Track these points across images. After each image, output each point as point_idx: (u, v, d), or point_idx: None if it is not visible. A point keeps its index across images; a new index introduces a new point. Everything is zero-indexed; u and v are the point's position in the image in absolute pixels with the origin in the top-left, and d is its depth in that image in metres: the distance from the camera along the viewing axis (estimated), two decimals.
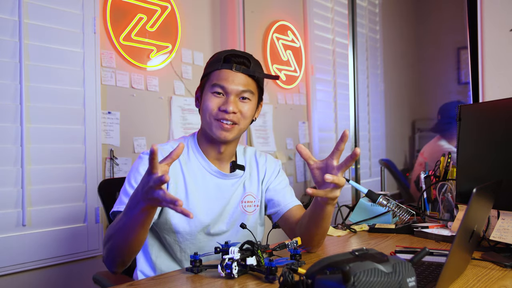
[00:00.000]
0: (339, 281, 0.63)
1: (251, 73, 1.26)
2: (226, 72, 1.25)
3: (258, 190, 1.40)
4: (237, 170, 1.36)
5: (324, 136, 3.26)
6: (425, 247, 0.85)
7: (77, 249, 1.90)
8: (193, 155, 1.32)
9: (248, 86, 1.26)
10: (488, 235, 1.27)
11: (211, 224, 1.30)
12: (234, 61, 1.25)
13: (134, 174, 1.22)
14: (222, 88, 1.24)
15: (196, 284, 1.01)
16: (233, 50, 1.30)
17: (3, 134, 1.69)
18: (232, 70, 1.24)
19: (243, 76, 1.25)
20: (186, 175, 1.29)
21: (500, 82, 1.98)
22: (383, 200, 1.59)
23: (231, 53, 1.27)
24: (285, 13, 3.07)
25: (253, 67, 1.27)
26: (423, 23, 4.32)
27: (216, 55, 1.31)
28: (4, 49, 1.70)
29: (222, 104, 1.24)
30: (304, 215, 1.26)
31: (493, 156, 1.29)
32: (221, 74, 1.25)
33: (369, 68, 3.70)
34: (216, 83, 1.24)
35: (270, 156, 1.48)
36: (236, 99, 1.25)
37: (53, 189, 1.83)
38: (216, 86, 1.24)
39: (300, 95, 3.15)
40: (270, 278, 0.98)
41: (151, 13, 2.22)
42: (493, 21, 1.99)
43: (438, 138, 3.03)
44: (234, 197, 1.35)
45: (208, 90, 1.26)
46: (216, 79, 1.25)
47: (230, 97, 1.24)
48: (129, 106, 2.13)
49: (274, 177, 1.43)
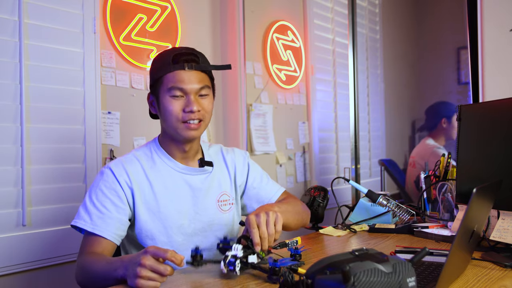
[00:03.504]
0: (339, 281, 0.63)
1: (203, 69, 1.27)
2: (180, 73, 1.24)
3: (231, 187, 1.42)
4: (206, 166, 1.36)
5: (324, 136, 3.26)
6: (425, 247, 0.85)
7: (77, 249, 1.88)
8: (158, 157, 1.33)
9: (204, 82, 1.27)
10: (488, 235, 1.27)
11: (186, 223, 1.30)
12: (183, 60, 1.25)
13: (94, 190, 1.24)
14: (180, 90, 1.24)
15: (196, 284, 1.01)
16: (176, 49, 1.30)
17: (3, 134, 1.69)
18: (185, 69, 1.24)
19: (196, 73, 1.26)
20: (152, 179, 1.29)
21: (500, 82, 1.98)
22: (383, 200, 1.59)
23: (177, 53, 1.27)
24: (285, 13, 3.07)
25: (202, 61, 1.28)
26: (423, 23, 4.32)
27: (161, 58, 1.29)
28: (4, 49, 1.70)
29: (185, 106, 1.25)
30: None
31: (493, 156, 1.29)
32: (175, 76, 1.24)
33: (369, 68, 3.70)
34: (173, 86, 1.24)
35: (236, 150, 1.49)
36: (196, 96, 1.26)
37: (53, 189, 1.83)
38: (174, 89, 1.24)
39: (300, 95, 3.15)
40: (273, 279, 0.98)
41: (151, 13, 2.22)
42: (493, 21, 1.99)
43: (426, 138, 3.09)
44: (208, 194, 1.35)
45: (165, 94, 1.26)
46: (172, 82, 1.24)
47: (190, 96, 1.25)
48: (129, 106, 2.13)
49: (246, 174, 1.45)
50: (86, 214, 1.21)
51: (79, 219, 1.22)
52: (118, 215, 1.22)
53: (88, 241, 1.21)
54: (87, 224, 1.20)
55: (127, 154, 1.34)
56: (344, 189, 2.93)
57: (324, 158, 3.24)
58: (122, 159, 1.30)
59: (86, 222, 1.21)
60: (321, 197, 1.64)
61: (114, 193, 1.23)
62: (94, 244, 1.19)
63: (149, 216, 1.27)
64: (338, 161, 3.35)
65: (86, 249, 1.20)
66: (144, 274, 0.93)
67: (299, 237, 1.15)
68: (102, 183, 1.24)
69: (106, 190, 1.23)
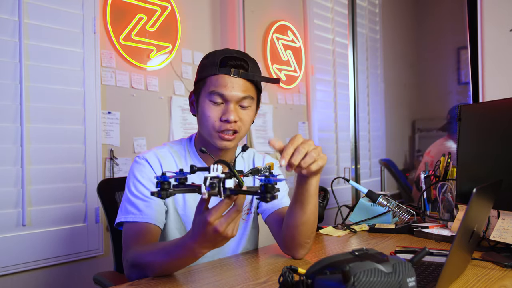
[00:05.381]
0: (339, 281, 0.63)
1: (250, 78, 1.17)
2: (224, 78, 1.16)
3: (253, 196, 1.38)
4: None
5: (324, 136, 3.26)
6: (425, 247, 0.85)
7: (77, 249, 1.89)
8: (191, 160, 1.28)
9: (248, 92, 1.18)
10: (488, 235, 1.27)
11: None
12: (231, 65, 1.16)
13: (133, 182, 1.20)
14: (220, 96, 1.16)
15: (196, 284, 1.01)
16: (228, 51, 1.21)
17: (3, 134, 1.69)
18: (230, 75, 1.15)
19: (242, 81, 1.16)
20: None
21: (500, 82, 1.98)
22: (383, 200, 1.59)
23: (227, 55, 1.18)
24: (285, 13, 3.08)
25: (251, 70, 1.19)
26: (423, 23, 4.32)
27: (211, 57, 1.21)
28: (4, 49, 1.70)
29: (223, 114, 1.16)
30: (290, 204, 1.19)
31: (493, 156, 1.29)
32: (218, 80, 1.16)
33: (369, 68, 3.70)
34: (214, 90, 1.16)
35: (268, 157, 1.45)
36: (236, 106, 1.18)
37: (53, 189, 1.83)
38: (214, 93, 1.16)
39: (300, 95, 3.15)
40: (267, 197, 0.81)
41: (151, 13, 2.22)
42: (493, 21, 1.99)
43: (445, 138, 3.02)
44: None
45: (205, 97, 1.18)
46: (214, 86, 1.16)
47: (230, 105, 1.16)
48: (129, 106, 2.13)
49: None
50: (132, 207, 1.16)
51: (128, 214, 1.16)
52: (160, 201, 1.19)
53: (136, 233, 1.15)
54: (136, 216, 1.15)
55: (160, 147, 1.28)
56: (344, 189, 2.93)
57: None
58: (157, 152, 1.25)
59: (135, 214, 1.16)
60: (321, 197, 1.64)
61: (150, 183, 1.20)
62: (144, 233, 1.14)
63: (173, 215, 1.24)
64: (338, 161, 3.35)
65: (135, 241, 1.13)
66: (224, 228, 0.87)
67: (272, 163, 0.94)
68: (139, 173, 1.20)
69: (143, 180, 1.19)
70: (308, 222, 1.16)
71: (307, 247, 1.20)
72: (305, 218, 1.15)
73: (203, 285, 1.00)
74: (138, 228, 1.15)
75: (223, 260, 1.22)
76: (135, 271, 1.08)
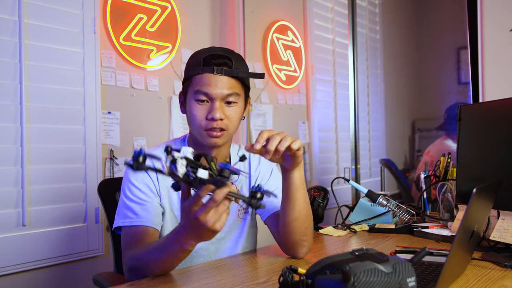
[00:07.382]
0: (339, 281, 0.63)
1: (233, 74, 1.18)
2: (208, 77, 1.17)
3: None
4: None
5: (324, 136, 3.26)
6: (425, 247, 0.85)
7: (77, 249, 1.89)
8: None
9: (233, 89, 1.19)
10: (488, 235, 1.27)
11: None
12: (214, 63, 1.17)
13: (127, 186, 1.21)
14: (205, 95, 1.17)
15: (195, 284, 1.01)
16: (213, 49, 1.22)
17: (3, 134, 1.69)
18: (213, 73, 1.16)
19: (226, 78, 1.17)
20: None
21: (500, 82, 1.98)
22: (383, 200, 1.60)
23: (211, 54, 1.19)
24: (285, 13, 3.07)
25: (235, 66, 1.18)
26: (423, 23, 4.32)
27: (195, 56, 1.22)
28: (4, 49, 1.70)
29: (208, 112, 1.17)
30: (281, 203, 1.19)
31: (493, 156, 1.29)
32: (202, 79, 1.17)
33: (369, 68, 3.70)
34: (199, 89, 1.17)
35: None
36: (222, 104, 1.19)
37: (53, 189, 1.83)
38: (199, 92, 1.17)
39: (300, 95, 3.15)
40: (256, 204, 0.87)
41: (151, 13, 2.22)
42: (493, 21, 1.99)
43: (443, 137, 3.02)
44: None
45: (191, 96, 1.20)
46: (198, 85, 1.17)
47: (215, 103, 1.17)
48: (129, 106, 2.13)
49: (266, 179, 1.38)
50: (129, 211, 1.18)
51: (125, 218, 1.17)
52: (156, 204, 1.20)
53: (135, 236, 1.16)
54: (134, 220, 1.16)
55: (154, 148, 1.29)
56: (344, 189, 2.93)
57: (324, 158, 3.24)
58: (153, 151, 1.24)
59: (132, 218, 1.17)
60: (321, 197, 1.64)
61: (145, 186, 1.21)
62: (142, 236, 1.15)
63: (170, 216, 1.24)
64: (338, 161, 3.35)
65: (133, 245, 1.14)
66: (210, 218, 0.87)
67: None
68: (133, 177, 1.21)
69: (138, 183, 1.20)
70: (300, 218, 1.15)
71: (306, 245, 1.19)
72: (296, 214, 1.15)
73: (203, 285, 1.00)
74: (136, 232, 1.16)
75: (223, 260, 1.22)
76: (134, 273, 1.09)
